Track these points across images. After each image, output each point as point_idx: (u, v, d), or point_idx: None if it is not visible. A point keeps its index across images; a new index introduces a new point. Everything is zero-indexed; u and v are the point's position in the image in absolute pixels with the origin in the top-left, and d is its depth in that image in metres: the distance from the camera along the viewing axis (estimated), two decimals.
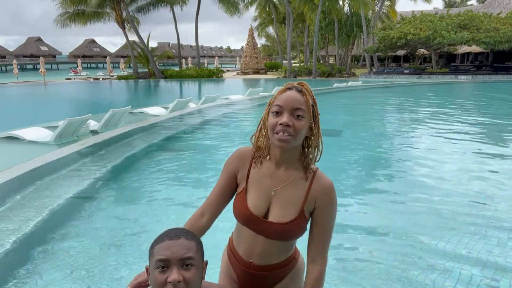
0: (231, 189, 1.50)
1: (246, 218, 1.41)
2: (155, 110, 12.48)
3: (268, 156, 1.43)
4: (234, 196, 1.49)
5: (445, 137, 8.88)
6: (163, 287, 1.16)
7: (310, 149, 1.40)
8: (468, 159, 6.86)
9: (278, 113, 1.32)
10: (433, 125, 10.62)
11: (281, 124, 1.30)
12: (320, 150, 1.43)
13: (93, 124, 9.30)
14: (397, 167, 6.53)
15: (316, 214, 1.40)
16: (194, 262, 1.20)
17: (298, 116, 1.31)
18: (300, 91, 1.34)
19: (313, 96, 1.37)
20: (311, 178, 1.40)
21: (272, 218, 1.38)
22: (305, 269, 1.51)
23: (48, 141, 7.95)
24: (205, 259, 1.31)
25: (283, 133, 1.30)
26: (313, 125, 1.36)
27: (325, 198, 1.39)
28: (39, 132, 8.42)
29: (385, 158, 7.29)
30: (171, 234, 1.23)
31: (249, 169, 1.45)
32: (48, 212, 4.21)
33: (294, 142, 1.32)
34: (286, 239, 1.41)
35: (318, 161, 1.44)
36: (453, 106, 15.60)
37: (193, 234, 1.28)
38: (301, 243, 1.51)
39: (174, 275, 1.15)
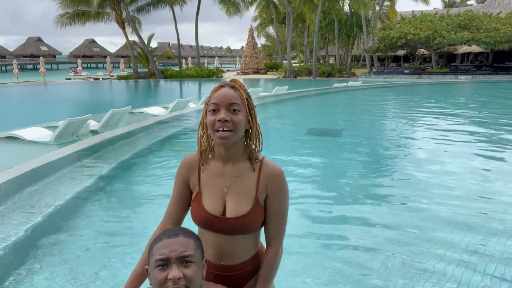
0: (186, 198, 1.53)
1: (205, 220, 1.44)
2: (155, 110, 12.48)
3: (212, 155, 1.49)
4: (191, 204, 1.51)
5: (445, 137, 8.87)
6: (163, 285, 1.17)
7: (251, 141, 1.46)
8: (468, 158, 6.86)
9: (215, 111, 1.37)
10: (433, 125, 10.62)
11: (219, 120, 1.35)
12: (261, 140, 1.48)
13: (93, 124, 9.31)
14: (397, 166, 6.53)
15: (269, 200, 1.45)
16: (194, 259, 1.21)
17: (234, 110, 1.36)
18: (233, 87, 1.40)
19: (246, 91, 1.43)
20: (259, 167, 1.45)
21: (230, 214, 1.41)
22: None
23: (48, 141, 7.95)
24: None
25: (223, 129, 1.35)
26: (250, 117, 1.42)
27: (275, 183, 1.44)
28: (39, 132, 8.42)
29: (385, 157, 7.29)
30: (169, 233, 1.24)
31: (199, 174, 1.50)
32: (48, 212, 4.21)
33: (234, 136, 1.37)
34: (248, 231, 1.44)
35: (261, 150, 1.49)
36: (453, 106, 15.60)
37: (191, 232, 1.29)
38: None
39: (174, 272, 1.16)
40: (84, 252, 3.41)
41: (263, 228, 1.51)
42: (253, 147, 1.46)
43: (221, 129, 1.35)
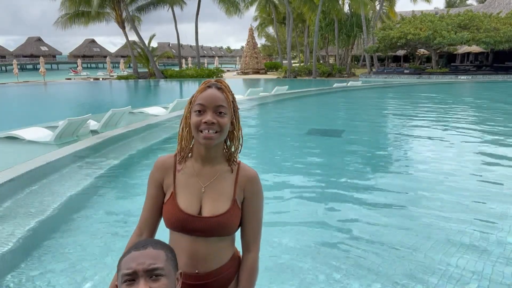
0: (160, 200, 1.48)
1: (180, 220, 1.38)
2: (155, 110, 12.49)
3: (191, 155, 1.46)
4: (164, 206, 1.46)
5: (445, 136, 8.88)
6: None
7: (231, 143, 1.46)
8: (468, 158, 6.86)
9: (201, 112, 1.35)
10: (433, 125, 10.62)
11: (205, 122, 1.33)
12: (241, 142, 1.48)
13: (93, 124, 9.30)
14: (397, 166, 6.54)
15: (245, 203, 1.45)
16: (164, 272, 1.11)
17: (220, 113, 1.35)
18: (219, 88, 1.38)
19: (231, 92, 1.42)
20: (237, 170, 1.46)
21: (206, 213, 1.38)
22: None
23: (48, 141, 7.95)
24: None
25: (208, 131, 1.33)
26: (234, 120, 1.42)
27: (252, 187, 1.45)
28: (39, 132, 8.42)
29: (385, 157, 7.29)
30: (138, 245, 1.15)
31: (174, 175, 1.46)
32: (48, 212, 4.21)
33: (219, 138, 1.37)
34: (225, 232, 1.41)
35: (239, 153, 1.49)
36: (453, 106, 15.60)
37: (162, 243, 1.21)
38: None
39: (141, 287, 1.06)
40: (84, 252, 3.41)
41: (238, 234, 1.49)
42: (233, 149, 1.46)
43: (206, 130, 1.33)
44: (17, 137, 8.07)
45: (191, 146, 1.45)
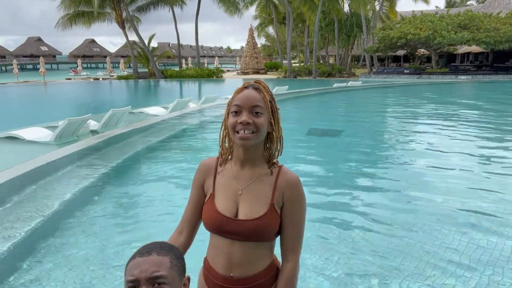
0: (201, 201, 1.50)
1: (217, 222, 1.38)
2: (155, 110, 12.49)
3: (231, 157, 1.45)
4: (203, 207, 1.47)
5: (445, 136, 8.88)
6: None
7: (272, 144, 1.42)
8: (468, 158, 6.86)
9: (237, 113, 1.34)
10: (433, 125, 10.62)
11: (241, 122, 1.32)
12: (282, 144, 1.44)
13: (93, 124, 9.31)
14: (397, 166, 6.53)
15: (285, 209, 1.39)
16: (166, 280, 1.08)
17: (257, 113, 1.33)
18: (256, 89, 1.36)
19: (270, 93, 1.40)
20: (277, 173, 1.41)
21: (242, 216, 1.36)
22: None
23: (48, 141, 7.95)
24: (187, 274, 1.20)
25: (244, 131, 1.32)
26: (272, 120, 1.38)
27: (292, 192, 1.39)
28: (39, 132, 8.42)
29: (385, 157, 7.29)
30: (143, 251, 1.14)
31: (214, 177, 1.47)
32: (48, 212, 4.21)
33: (256, 139, 1.34)
34: (260, 237, 1.36)
35: (280, 155, 1.45)
36: (453, 106, 15.60)
37: (169, 248, 1.18)
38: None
39: None
40: (84, 252, 3.41)
41: (278, 242, 1.44)
42: (273, 150, 1.42)
43: (242, 131, 1.32)
44: (17, 137, 8.07)
45: (231, 148, 1.44)
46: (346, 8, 42.16)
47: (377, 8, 42.80)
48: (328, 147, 8.04)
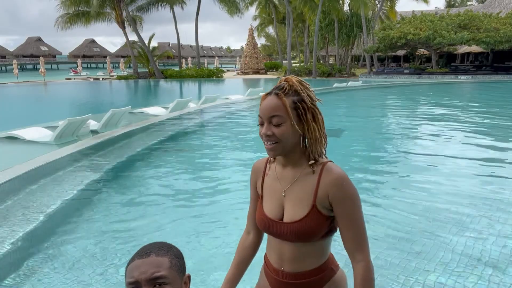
0: (258, 201, 1.53)
1: (265, 224, 1.41)
2: (155, 110, 12.49)
3: (274, 159, 1.46)
4: (257, 207, 1.51)
5: (445, 136, 8.88)
6: None
7: (307, 145, 1.38)
8: (469, 158, 6.86)
9: (261, 124, 1.34)
10: (433, 125, 10.63)
11: (263, 135, 1.32)
12: (322, 143, 1.41)
13: (93, 124, 9.31)
14: (397, 166, 6.53)
15: (336, 209, 1.34)
16: (168, 280, 1.09)
17: (276, 122, 1.30)
18: (277, 94, 1.32)
19: (298, 92, 1.33)
20: (320, 171, 1.37)
21: (286, 218, 1.37)
22: (345, 287, 1.48)
23: (48, 141, 7.95)
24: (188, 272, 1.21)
25: (267, 143, 1.32)
26: (304, 122, 1.34)
27: (337, 190, 1.33)
28: (39, 132, 8.43)
29: (385, 157, 7.29)
30: (142, 252, 1.15)
31: (263, 178, 1.48)
32: (48, 212, 4.21)
33: (280, 148, 1.32)
34: (305, 239, 1.36)
35: (325, 154, 1.43)
36: (453, 106, 15.60)
37: (168, 248, 1.18)
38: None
39: None
40: (84, 252, 3.41)
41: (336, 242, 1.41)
42: (312, 150, 1.38)
43: (266, 142, 1.32)
44: (17, 137, 8.07)
45: None
46: (346, 8, 42.20)
47: (377, 8, 42.80)
48: (328, 146, 8.03)
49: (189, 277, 1.21)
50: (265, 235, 1.51)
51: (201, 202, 4.68)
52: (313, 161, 1.38)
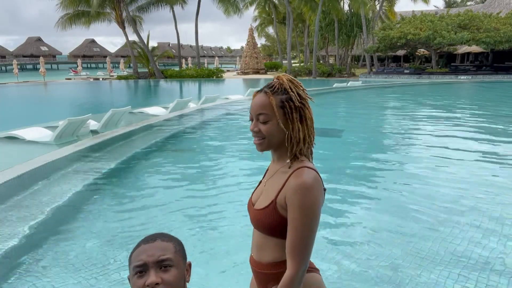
0: None
1: (247, 206, 1.55)
2: (155, 110, 12.49)
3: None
4: None
5: (445, 136, 8.88)
6: None
7: (288, 143, 1.38)
8: (468, 157, 6.86)
9: (250, 120, 1.42)
10: (433, 125, 10.63)
11: (251, 129, 1.41)
12: (304, 144, 1.40)
13: (93, 124, 9.31)
14: (398, 166, 6.53)
15: (288, 212, 1.34)
16: (173, 263, 1.16)
17: (263, 120, 1.37)
18: (266, 93, 1.38)
19: (288, 91, 1.37)
20: (290, 174, 1.37)
21: (256, 205, 1.48)
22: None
23: (48, 141, 7.95)
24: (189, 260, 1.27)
25: (255, 138, 1.41)
26: (289, 121, 1.37)
27: (292, 195, 1.32)
28: (39, 132, 8.43)
29: (385, 157, 7.28)
30: (148, 238, 1.21)
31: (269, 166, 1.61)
32: (48, 212, 4.21)
33: (266, 144, 1.40)
34: (260, 228, 1.44)
35: (309, 153, 1.43)
36: (453, 106, 15.60)
37: (171, 236, 1.25)
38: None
39: (151, 277, 1.11)
40: (84, 252, 3.41)
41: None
42: (293, 149, 1.38)
43: (254, 138, 1.40)
44: (17, 137, 8.07)
45: None
46: (346, 8, 42.20)
47: (377, 8, 42.81)
48: (328, 147, 8.04)
49: (190, 264, 1.28)
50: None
51: (201, 201, 4.68)
52: (288, 161, 1.40)
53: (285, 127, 1.36)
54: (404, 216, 4.25)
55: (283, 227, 1.37)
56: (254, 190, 1.58)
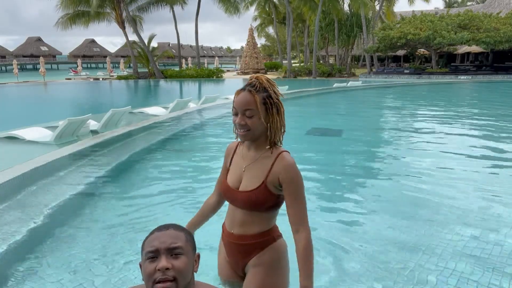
0: (226, 174, 1.90)
1: (225, 191, 1.79)
2: (155, 110, 12.49)
3: (242, 141, 1.81)
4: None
5: (445, 136, 8.88)
6: (152, 277, 1.17)
7: (271, 133, 1.69)
8: (468, 157, 6.86)
9: (235, 114, 1.68)
10: (433, 125, 10.63)
11: (237, 123, 1.66)
12: (280, 132, 1.72)
13: (93, 124, 9.31)
14: (398, 166, 6.53)
15: (284, 189, 1.68)
16: (183, 251, 1.23)
17: (249, 115, 1.63)
18: (250, 91, 1.64)
19: (267, 90, 1.65)
20: (275, 158, 1.69)
21: (241, 188, 1.73)
22: (284, 253, 1.82)
23: (48, 141, 7.95)
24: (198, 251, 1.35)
25: (240, 130, 1.66)
26: (270, 115, 1.66)
27: (286, 174, 1.66)
28: (39, 132, 8.43)
29: (385, 157, 7.29)
30: (161, 227, 1.30)
31: (232, 156, 1.87)
32: (48, 212, 4.21)
33: (250, 135, 1.67)
34: (252, 207, 1.69)
35: (280, 140, 1.74)
36: (453, 106, 15.61)
37: (183, 227, 1.36)
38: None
39: (162, 262, 1.18)
40: (83, 252, 3.41)
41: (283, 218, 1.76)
42: (272, 138, 1.69)
43: (239, 129, 1.66)
44: (17, 137, 8.07)
45: None
46: (346, 8, 42.20)
47: (377, 8, 42.81)
48: (328, 146, 8.04)
49: (198, 256, 1.37)
50: (226, 207, 1.89)
51: (201, 200, 4.67)
52: (269, 147, 1.71)
53: (265, 120, 1.65)
54: (404, 216, 4.25)
55: (272, 203, 1.70)
56: (223, 177, 1.84)
